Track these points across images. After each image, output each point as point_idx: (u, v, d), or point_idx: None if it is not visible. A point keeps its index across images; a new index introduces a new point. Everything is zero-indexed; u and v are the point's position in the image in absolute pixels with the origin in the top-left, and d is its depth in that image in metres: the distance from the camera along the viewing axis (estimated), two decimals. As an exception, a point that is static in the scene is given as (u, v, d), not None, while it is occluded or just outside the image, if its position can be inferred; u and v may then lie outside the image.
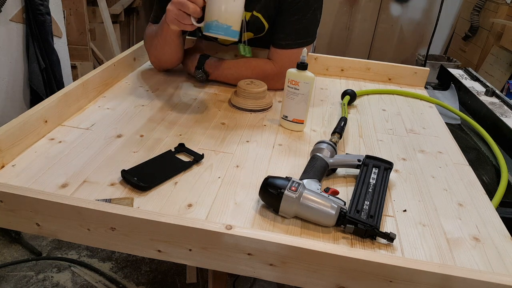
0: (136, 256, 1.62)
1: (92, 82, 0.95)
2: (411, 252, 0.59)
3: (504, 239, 0.64)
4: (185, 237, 0.54)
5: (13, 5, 1.53)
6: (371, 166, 0.74)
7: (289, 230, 0.62)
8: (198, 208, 0.64)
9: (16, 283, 1.46)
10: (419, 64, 2.94)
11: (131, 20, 3.13)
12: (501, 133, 1.09)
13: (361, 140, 0.91)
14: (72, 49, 2.23)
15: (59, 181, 0.68)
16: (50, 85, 1.71)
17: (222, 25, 0.84)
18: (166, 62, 1.13)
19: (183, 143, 0.80)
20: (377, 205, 0.65)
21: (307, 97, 0.88)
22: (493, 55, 2.79)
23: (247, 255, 0.54)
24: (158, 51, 1.09)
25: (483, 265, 0.58)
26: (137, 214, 0.54)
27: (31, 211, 0.57)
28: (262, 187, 0.64)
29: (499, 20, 2.76)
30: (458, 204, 0.72)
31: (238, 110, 1.00)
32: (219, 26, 0.84)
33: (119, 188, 0.67)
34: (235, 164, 0.77)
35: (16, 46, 1.59)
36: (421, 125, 1.01)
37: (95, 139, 0.81)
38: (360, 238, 0.61)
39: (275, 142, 0.87)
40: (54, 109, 0.82)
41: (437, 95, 1.35)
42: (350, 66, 1.28)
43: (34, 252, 1.60)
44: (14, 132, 0.72)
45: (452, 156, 0.88)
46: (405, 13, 3.08)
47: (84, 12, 2.28)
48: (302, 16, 1.03)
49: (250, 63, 1.09)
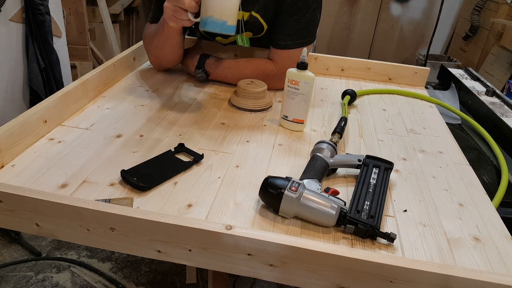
0: (135, 256, 1.62)
1: (92, 82, 0.95)
2: (412, 252, 0.59)
3: (505, 239, 0.64)
4: (185, 237, 0.54)
5: (12, 5, 1.53)
6: (371, 166, 0.74)
7: (289, 230, 0.62)
8: (198, 208, 0.64)
9: (15, 283, 1.46)
10: (419, 64, 2.94)
11: (131, 20, 3.13)
12: (502, 133, 1.08)
13: (361, 140, 0.91)
14: (72, 49, 2.23)
15: (59, 181, 0.67)
16: (49, 85, 1.71)
17: (217, 21, 0.83)
18: (166, 61, 1.12)
19: (183, 143, 0.80)
20: (377, 205, 0.65)
21: (307, 97, 0.88)
22: (494, 55, 2.79)
23: (247, 255, 0.53)
24: (158, 50, 1.08)
25: (483, 265, 0.58)
26: (136, 214, 0.54)
27: (30, 211, 0.57)
28: (262, 187, 0.64)
29: (499, 20, 2.76)
30: (458, 204, 0.72)
31: (238, 110, 0.99)
32: (214, 21, 0.83)
33: (119, 188, 0.67)
34: (235, 164, 0.77)
35: (15, 46, 1.59)
36: (421, 125, 1.01)
37: (94, 139, 0.81)
38: (361, 238, 0.61)
39: (275, 142, 0.86)
40: (53, 109, 0.82)
41: (438, 95, 1.35)
42: (350, 66, 1.28)
43: (33, 252, 1.60)
44: (13, 132, 0.71)
45: (453, 156, 0.88)
46: (405, 13, 3.08)
47: (83, 12, 2.28)
48: (301, 16, 1.03)
49: (250, 63, 1.09)
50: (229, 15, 0.84)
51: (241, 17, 1.05)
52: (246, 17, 1.05)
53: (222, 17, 0.83)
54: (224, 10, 0.83)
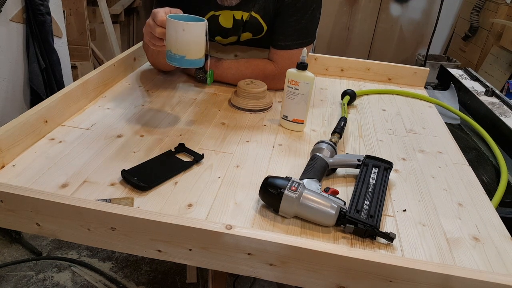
0: (136, 256, 1.62)
1: (92, 82, 0.95)
2: (411, 252, 0.60)
3: (504, 239, 0.64)
4: (185, 237, 0.54)
5: (13, 5, 1.53)
6: (371, 166, 0.74)
7: (289, 230, 0.62)
8: (198, 208, 0.64)
9: (16, 283, 1.46)
10: (419, 64, 2.94)
11: (131, 20, 3.13)
12: (501, 133, 1.09)
13: (361, 140, 0.91)
14: (72, 49, 2.23)
15: (59, 181, 0.68)
16: (50, 85, 1.71)
17: (174, 55, 0.80)
18: (163, 67, 1.15)
19: (183, 143, 0.81)
20: (377, 205, 0.65)
21: (307, 97, 0.88)
22: (493, 55, 2.79)
23: (247, 255, 0.54)
24: (153, 59, 1.13)
25: (482, 265, 0.58)
26: (137, 214, 0.54)
27: (31, 211, 0.57)
28: (262, 187, 0.64)
29: (499, 20, 2.76)
30: (458, 204, 0.72)
31: (238, 110, 1.00)
32: (172, 55, 0.81)
33: (119, 188, 0.67)
34: (235, 164, 0.77)
35: (16, 46, 1.59)
36: (421, 125, 1.01)
37: (95, 139, 0.81)
38: (360, 238, 0.61)
39: (275, 142, 0.87)
40: (54, 109, 0.82)
41: (437, 95, 1.35)
42: (350, 66, 1.28)
43: (34, 252, 1.60)
44: (14, 132, 0.72)
45: (452, 156, 0.88)
46: (405, 13, 3.08)
47: (84, 12, 2.28)
48: (301, 16, 1.04)
49: (250, 63, 1.09)
50: (188, 50, 0.80)
51: (240, 17, 1.05)
52: (246, 17, 1.06)
53: (178, 52, 0.80)
54: (180, 45, 0.79)
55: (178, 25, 0.77)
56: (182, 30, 0.78)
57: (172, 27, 0.78)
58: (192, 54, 0.81)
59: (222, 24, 1.08)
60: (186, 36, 0.78)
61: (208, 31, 1.13)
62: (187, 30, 0.78)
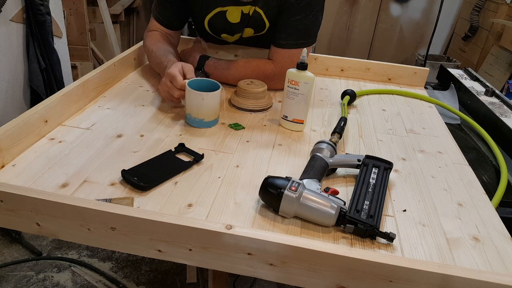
0: (136, 256, 1.62)
1: (92, 82, 0.95)
2: (411, 252, 0.60)
3: (504, 239, 0.64)
4: (185, 237, 0.54)
5: (13, 5, 1.53)
6: (371, 166, 0.74)
7: (289, 230, 0.62)
8: (198, 208, 0.64)
9: (16, 283, 1.46)
10: (418, 64, 2.94)
11: (131, 20, 3.13)
12: (501, 133, 1.09)
13: (361, 140, 0.91)
14: (72, 49, 2.23)
15: (59, 181, 0.68)
16: (50, 85, 1.71)
17: (194, 119, 0.88)
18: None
19: (183, 143, 0.81)
20: (377, 205, 0.65)
21: (307, 97, 0.88)
22: (493, 55, 2.79)
23: (247, 255, 0.54)
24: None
25: (482, 265, 0.58)
26: (137, 214, 0.54)
27: (31, 211, 0.57)
28: (262, 187, 0.64)
29: (499, 20, 2.76)
30: (458, 204, 0.72)
31: (238, 110, 1.00)
32: (192, 119, 0.89)
33: (119, 188, 0.67)
34: (235, 164, 0.77)
35: (16, 46, 1.59)
36: (420, 125, 1.01)
37: (95, 139, 0.81)
38: (360, 238, 0.61)
39: (275, 142, 0.87)
40: (54, 109, 0.82)
41: (437, 95, 1.35)
42: (350, 66, 1.28)
43: (34, 252, 1.60)
44: (14, 132, 0.72)
45: (452, 156, 0.88)
46: (405, 13, 3.08)
47: (84, 12, 2.28)
48: (304, 16, 1.04)
49: (250, 63, 1.09)
50: (207, 114, 0.88)
51: (247, 11, 1.05)
52: (250, 12, 1.06)
53: (198, 116, 0.88)
54: (200, 111, 0.87)
55: (198, 95, 0.85)
56: (202, 99, 0.86)
57: (192, 96, 0.86)
58: (211, 117, 0.89)
59: (229, 19, 1.08)
60: (205, 104, 0.87)
61: (214, 29, 1.15)
62: (206, 98, 0.86)
